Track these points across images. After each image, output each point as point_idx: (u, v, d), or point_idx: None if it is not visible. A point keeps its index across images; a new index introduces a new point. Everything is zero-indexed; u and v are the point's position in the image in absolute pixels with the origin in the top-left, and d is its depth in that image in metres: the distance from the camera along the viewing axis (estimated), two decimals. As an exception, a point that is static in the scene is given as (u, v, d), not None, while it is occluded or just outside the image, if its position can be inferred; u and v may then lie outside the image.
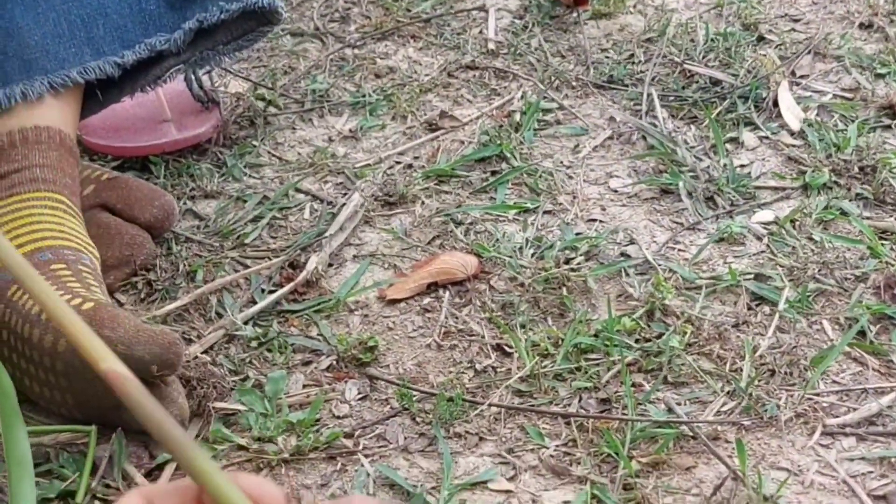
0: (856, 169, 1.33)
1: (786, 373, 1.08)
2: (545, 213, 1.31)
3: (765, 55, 1.55)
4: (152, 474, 1.00)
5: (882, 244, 1.23)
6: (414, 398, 1.07)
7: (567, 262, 1.22)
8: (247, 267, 1.24)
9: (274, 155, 1.42)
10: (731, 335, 1.12)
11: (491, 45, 1.62)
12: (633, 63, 1.56)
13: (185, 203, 1.33)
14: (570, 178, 1.36)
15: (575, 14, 1.67)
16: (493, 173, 1.37)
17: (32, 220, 1.11)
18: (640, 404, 1.05)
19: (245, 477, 0.43)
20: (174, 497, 0.43)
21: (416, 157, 1.41)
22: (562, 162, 1.39)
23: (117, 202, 1.23)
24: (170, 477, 1.00)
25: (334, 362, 1.12)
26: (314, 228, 1.29)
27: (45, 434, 1.03)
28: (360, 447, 1.03)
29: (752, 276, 1.20)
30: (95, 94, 1.24)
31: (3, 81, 1.14)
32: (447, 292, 1.20)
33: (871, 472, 0.99)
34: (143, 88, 1.28)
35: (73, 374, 1.00)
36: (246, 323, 1.16)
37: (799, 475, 0.99)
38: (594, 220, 1.30)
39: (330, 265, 1.24)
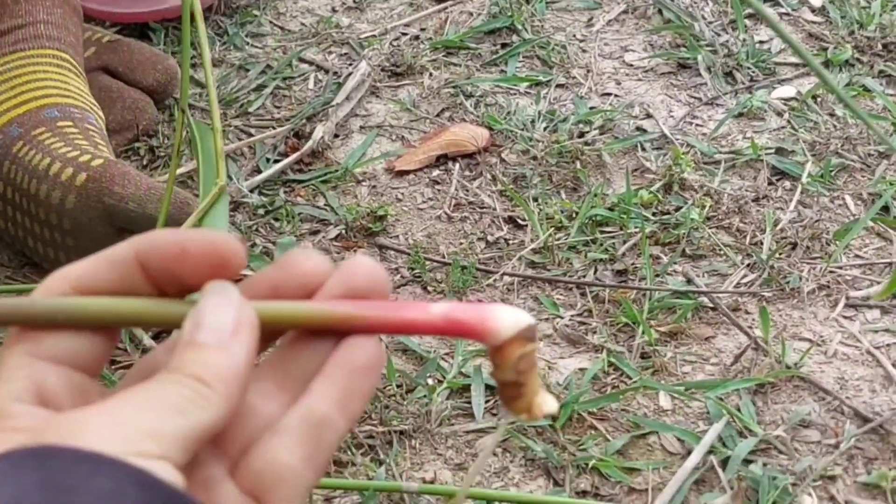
0: (879, 46, 1.30)
1: (808, 246, 1.05)
2: (558, 86, 1.27)
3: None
4: (160, 337, 0.98)
5: (904, 121, 1.20)
6: (426, 267, 1.04)
7: (581, 135, 1.19)
8: (251, 136, 1.21)
9: (276, 24, 1.38)
10: (752, 209, 1.10)
11: (500, -82, 1.56)
12: (647, -62, 1.51)
13: (186, 70, 1.29)
14: (584, 51, 1.32)
15: None
16: (504, 45, 1.33)
17: (37, 76, 1.07)
18: (657, 276, 1.03)
19: (193, 235, 0.37)
20: (111, 271, 0.36)
21: (422, 29, 1.37)
22: (574, 35, 1.35)
23: (119, 65, 1.19)
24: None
25: (343, 231, 1.10)
26: (319, 98, 1.25)
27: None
28: (372, 314, 1.01)
29: (772, 150, 1.17)
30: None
31: (3, -68, 1.10)
32: (457, 164, 1.17)
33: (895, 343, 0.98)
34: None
35: (81, 232, 0.97)
36: (252, 191, 1.13)
37: (822, 345, 0.97)
38: (609, 94, 1.26)
39: (336, 136, 1.21)
